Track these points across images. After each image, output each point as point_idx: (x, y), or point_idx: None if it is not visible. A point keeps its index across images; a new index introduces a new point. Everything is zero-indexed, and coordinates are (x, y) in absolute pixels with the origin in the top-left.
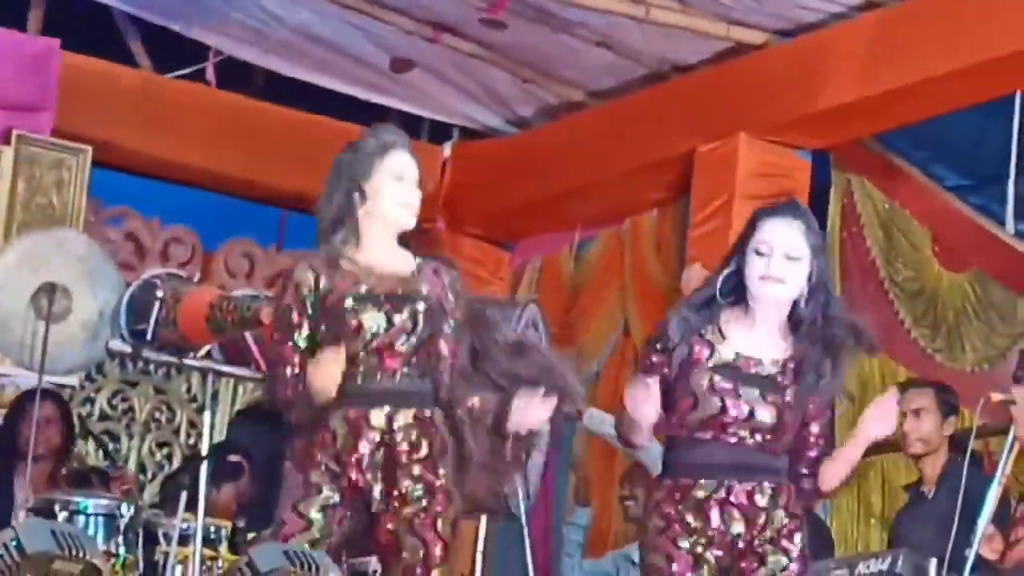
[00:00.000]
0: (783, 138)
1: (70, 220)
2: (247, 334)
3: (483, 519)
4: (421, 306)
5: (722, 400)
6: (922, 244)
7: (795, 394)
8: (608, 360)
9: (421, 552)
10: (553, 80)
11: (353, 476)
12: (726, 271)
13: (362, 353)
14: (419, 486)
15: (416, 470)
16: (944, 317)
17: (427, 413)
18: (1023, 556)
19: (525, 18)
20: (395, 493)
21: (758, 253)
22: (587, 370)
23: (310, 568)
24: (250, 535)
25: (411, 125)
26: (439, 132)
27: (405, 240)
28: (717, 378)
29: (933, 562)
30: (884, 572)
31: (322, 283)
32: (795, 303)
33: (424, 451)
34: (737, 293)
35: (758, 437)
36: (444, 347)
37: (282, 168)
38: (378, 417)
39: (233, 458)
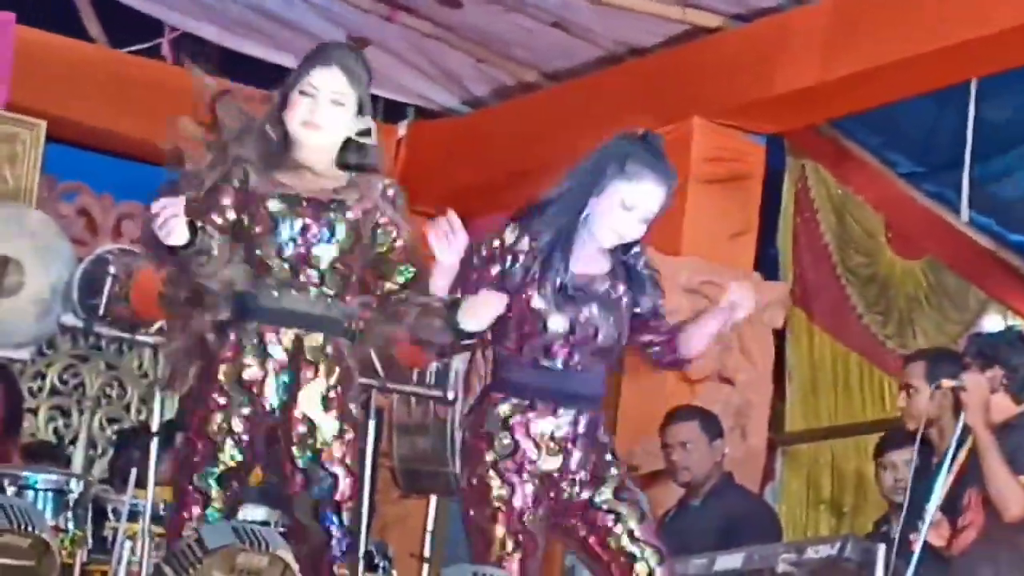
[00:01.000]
0: (738, 122)
1: (23, 195)
2: None
3: (432, 498)
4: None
5: (570, 325)
6: (875, 230)
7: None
8: None
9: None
10: (508, 60)
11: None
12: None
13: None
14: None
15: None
16: (896, 303)
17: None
18: (969, 543)
19: None
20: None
21: (625, 208)
22: None
23: (259, 544)
24: None
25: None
26: (394, 111)
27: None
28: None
29: (882, 547)
30: (833, 557)
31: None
32: None
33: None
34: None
35: (598, 358)
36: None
37: None
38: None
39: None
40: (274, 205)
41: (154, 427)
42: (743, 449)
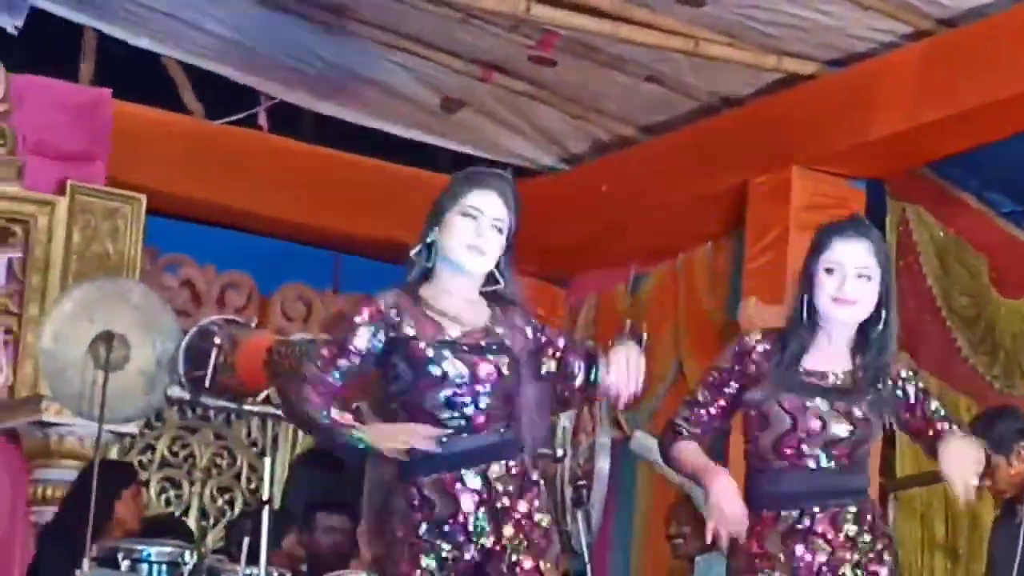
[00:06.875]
0: (836, 168)
1: (126, 269)
2: None
3: None
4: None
5: (792, 417)
6: (978, 271)
7: (869, 404)
8: (665, 397)
9: None
10: (603, 116)
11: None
12: (800, 298)
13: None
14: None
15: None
16: (1002, 343)
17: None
18: None
19: (574, 55)
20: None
21: (828, 272)
22: (646, 407)
23: None
24: None
25: (462, 165)
26: None
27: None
28: (784, 396)
29: None
30: None
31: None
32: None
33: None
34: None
35: (835, 454)
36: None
37: (336, 211)
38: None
39: None
40: (432, 352)
41: (265, 495)
42: None
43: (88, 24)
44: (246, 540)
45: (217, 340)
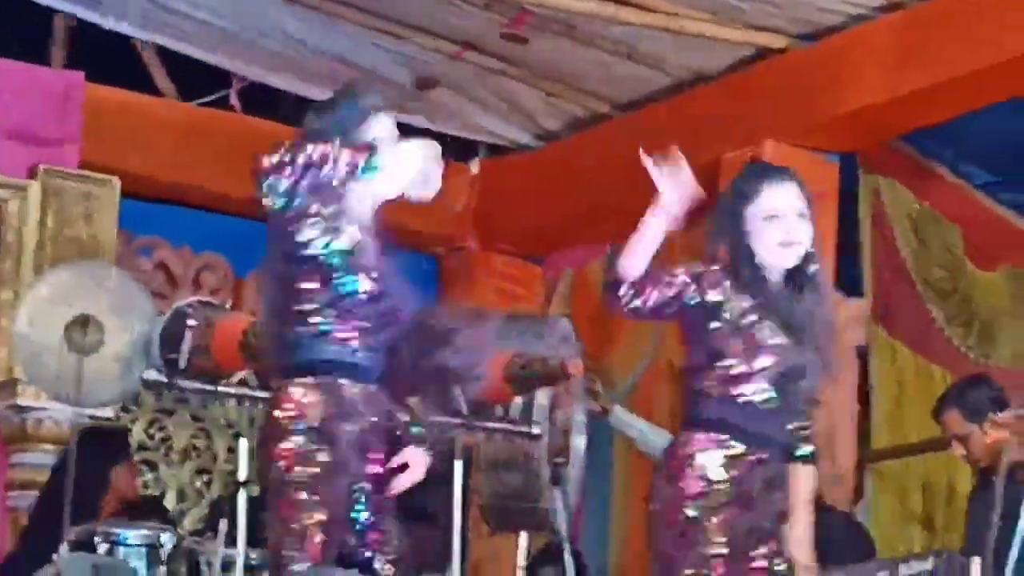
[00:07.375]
0: (810, 142)
1: (100, 252)
2: None
3: (523, 534)
4: None
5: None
6: (953, 243)
7: None
8: (643, 373)
9: None
10: (578, 93)
11: None
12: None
13: None
14: None
15: None
16: (977, 314)
17: None
18: None
19: (548, 32)
20: None
21: (767, 220)
22: (624, 383)
23: None
24: None
25: (438, 143)
26: (466, 149)
27: None
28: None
29: (976, 561)
30: (926, 573)
31: None
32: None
33: None
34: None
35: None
36: None
37: None
38: None
39: None
40: None
41: (242, 477)
42: (831, 469)
43: (59, 7)
44: (223, 522)
45: (192, 322)
